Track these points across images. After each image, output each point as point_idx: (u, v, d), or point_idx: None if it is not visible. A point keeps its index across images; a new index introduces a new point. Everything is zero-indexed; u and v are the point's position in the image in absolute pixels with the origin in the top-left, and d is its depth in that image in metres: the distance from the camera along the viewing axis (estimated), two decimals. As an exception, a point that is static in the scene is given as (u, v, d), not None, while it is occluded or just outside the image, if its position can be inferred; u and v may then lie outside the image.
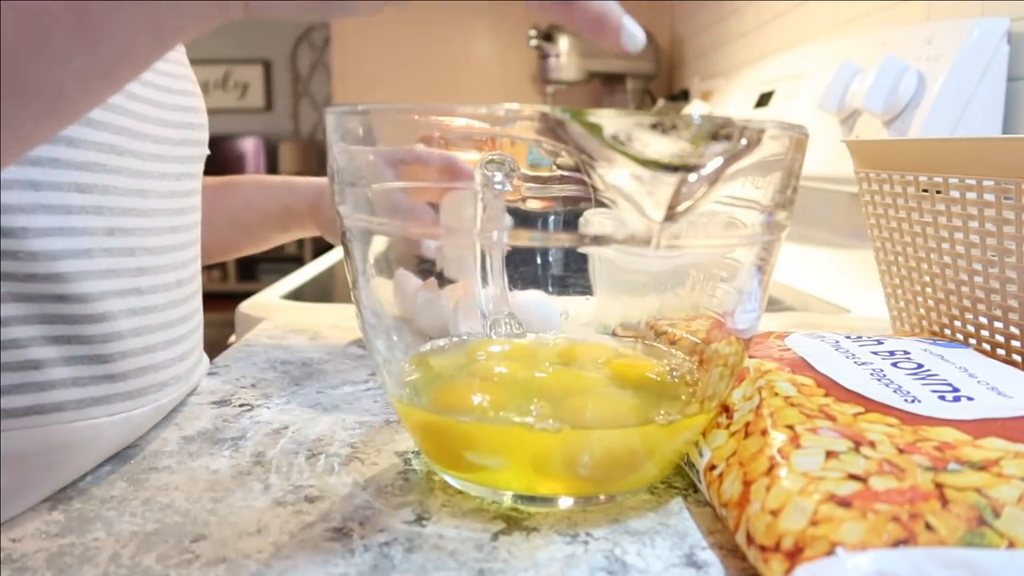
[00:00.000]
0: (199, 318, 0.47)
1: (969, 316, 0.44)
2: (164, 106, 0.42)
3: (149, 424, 0.40)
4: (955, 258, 0.44)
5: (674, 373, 0.36)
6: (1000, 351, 0.43)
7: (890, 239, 0.49)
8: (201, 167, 0.47)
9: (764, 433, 0.31)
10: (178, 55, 0.44)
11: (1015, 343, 0.41)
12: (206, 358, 0.51)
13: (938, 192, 0.43)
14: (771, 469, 0.28)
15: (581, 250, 0.38)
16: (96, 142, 0.36)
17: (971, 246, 0.42)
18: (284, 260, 4.60)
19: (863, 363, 0.36)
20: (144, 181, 0.39)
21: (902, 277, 0.49)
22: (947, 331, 0.46)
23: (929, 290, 0.47)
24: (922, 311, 0.48)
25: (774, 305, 0.80)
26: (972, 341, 0.44)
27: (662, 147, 0.27)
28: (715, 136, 0.28)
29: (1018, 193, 0.38)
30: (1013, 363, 0.40)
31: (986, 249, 0.41)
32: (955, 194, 0.42)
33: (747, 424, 0.32)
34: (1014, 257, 0.40)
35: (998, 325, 0.42)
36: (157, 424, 0.41)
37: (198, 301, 0.46)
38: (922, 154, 0.44)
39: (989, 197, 0.40)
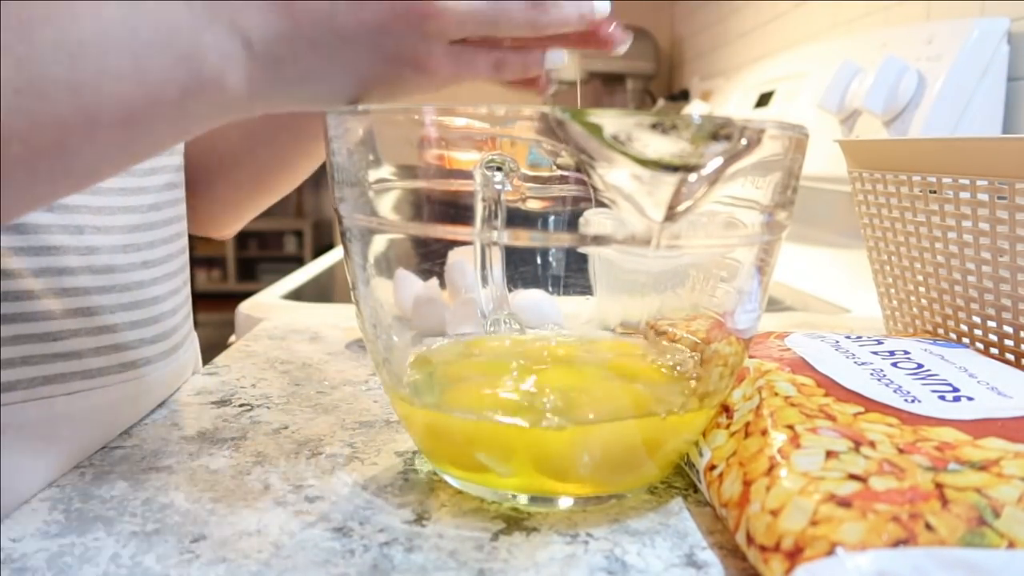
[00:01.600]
0: (177, 301, 0.46)
1: (962, 316, 0.44)
2: None
3: (125, 410, 0.40)
4: (948, 258, 0.44)
5: (680, 368, 0.36)
6: (993, 350, 0.43)
7: (883, 239, 0.49)
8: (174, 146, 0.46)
9: (764, 433, 0.31)
10: None
11: (1008, 342, 0.42)
12: (194, 344, 0.50)
13: (932, 192, 0.43)
14: (771, 469, 0.28)
15: (581, 250, 0.38)
16: None
17: (964, 246, 0.42)
18: (284, 260, 4.60)
19: (863, 363, 0.36)
20: None
21: (895, 277, 0.49)
22: (940, 330, 0.46)
23: (922, 289, 0.47)
24: (915, 311, 0.48)
25: (774, 305, 0.80)
26: (965, 340, 0.44)
27: (662, 147, 0.27)
28: (715, 136, 0.28)
29: (1011, 193, 0.38)
30: (1007, 362, 0.40)
31: (979, 249, 0.41)
32: (949, 194, 0.42)
33: (747, 424, 0.32)
34: (1007, 257, 0.40)
35: (991, 324, 0.42)
36: (156, 424, 0.41)
37: (175, 284, 0.46)
38: (916, 154, 0.44)
39: (983, 197, 0.40)
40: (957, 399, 0.33)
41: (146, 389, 0.42)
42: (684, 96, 1.99)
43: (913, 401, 0.32)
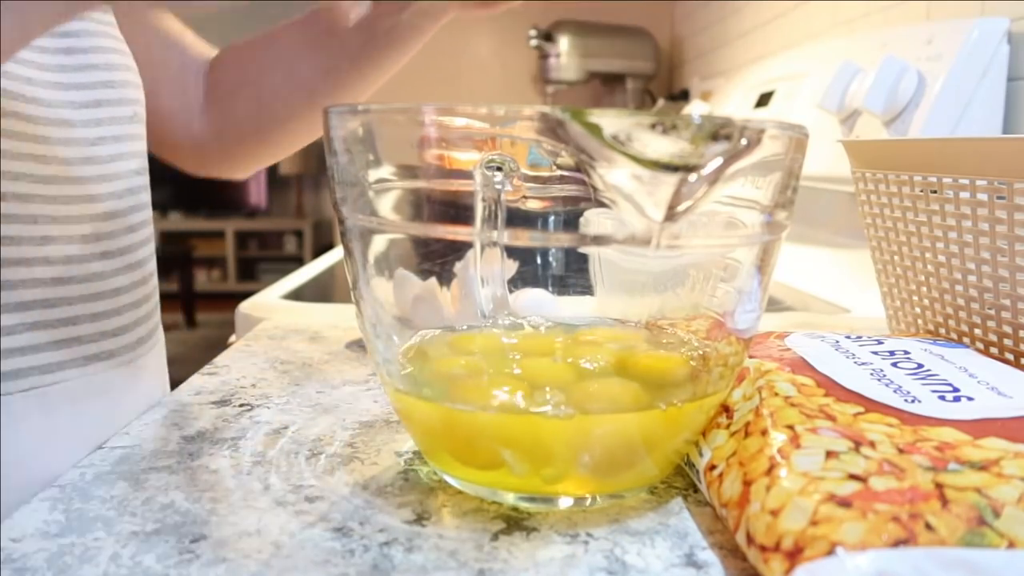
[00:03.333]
0: (142, 292, 0.45)
1: (963, 315, 0.44)
2: (63, 68, 0.40)
3: (91, 406, 0.40)
4: (949, 257, 0.44)
5: (699, 351, 0.36)
6: (993, 350, 0.43)
7: (886, 238, 0.49)
8: (136, 129, 0.45)
9: (764, 433, 0.31)
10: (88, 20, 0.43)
11: (1007, 342, 0.42)
12: (159, 336, 0.50)
13: (933, 192, 0.43)
14: (771, 469, 0.28)
15: (581, 250, 0.38)
16: None
17: (965, 245, 0.42)
18: (284, 260, 4.60)
19: (863, 363, 0.36)
20: (41, 146, 0.38)
21: (897, 276, 0.50)
22: (942, 330, 0.46)
23: (924, 289, 0.47)
24: (917, 310, 0.48)
25: (774, 305, 0.80)
26: (965, 340, 0.45)
27: (662, 147, 0.27)
28: (715, 136, 0.28)
29: (1010, 193, 0.38)
30: (1006, 362, 0.40)
31: (979, 249, 0.41)
32: (949, 194, 0.42)
33: (747, 424, 0.32)
34: (1006, 257, 0.40)
35: (991, 324, 0.42)
36: (156, 424, 0.41)
37: (139, 275, 0.45)
38: (918, 154, 0.44)
39: (982, 197, 0.40)
40: (957, 399, 0.33)
41: (107, 386, 0.41)
42: (684, 96, 1.99)
43: (913, 401, 0.32)
